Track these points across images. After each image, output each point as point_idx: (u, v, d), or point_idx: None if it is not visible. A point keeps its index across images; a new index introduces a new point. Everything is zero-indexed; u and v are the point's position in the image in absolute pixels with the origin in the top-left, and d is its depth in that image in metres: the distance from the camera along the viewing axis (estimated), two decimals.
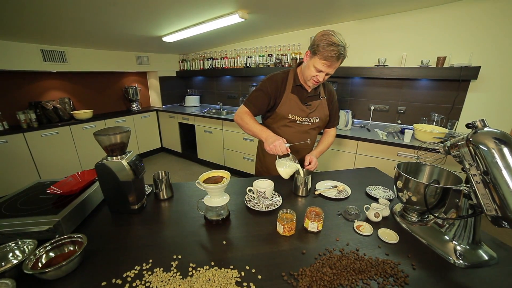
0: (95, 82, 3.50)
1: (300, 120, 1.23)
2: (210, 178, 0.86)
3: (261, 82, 1.22)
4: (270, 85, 1.20)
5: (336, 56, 0.98)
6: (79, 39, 2.60)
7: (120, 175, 0.85)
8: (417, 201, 0.82)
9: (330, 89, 1.31)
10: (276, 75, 1.23)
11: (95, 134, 0.79)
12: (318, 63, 1.02)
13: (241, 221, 0.89)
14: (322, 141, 1.38)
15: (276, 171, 1.33)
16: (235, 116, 1.22)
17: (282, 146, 1.03)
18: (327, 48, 0.97)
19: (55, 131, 2.74)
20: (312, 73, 1.07)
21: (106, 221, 0.89)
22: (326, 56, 0.99)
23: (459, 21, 2.04)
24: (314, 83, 1.12)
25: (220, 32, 2.75)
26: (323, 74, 1.06)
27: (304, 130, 1.26)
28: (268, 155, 1.35)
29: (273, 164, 1.33)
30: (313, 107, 1.23)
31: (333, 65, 1.02)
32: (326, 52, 0.98)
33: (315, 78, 1.08)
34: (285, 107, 1.21)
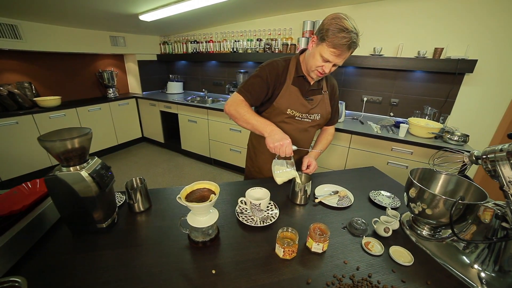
0: (62, 64, 3.09)
1: (300, 116, 1.08)
2: (195, 191, 0.70)
3: (259, 68, 1.04)
4: (270, 72, 1.02)
5: (348, 45, 0.83)
6: (37, 11, 2.21)
7: (80, 190, 0.67)
8: (433, 215, 0.72)
9: (332, 83, 1.16)
10: (277, 62, 1.05)
11: (39, 139, 0.60)
12: (326, 51, 0.87)
13: (233, 241, 0.75)
14: (321, 140, 1.25)
15: (270, 172, 1.20)
16: (227, 106, 1.01)
17: (289, 148, 0.87)
18: (337, 34, 0.82)
19: (14, 121, 2.40)
20: (317, 62, 0.92)
21: (63, 246, 0.71)
22: (336, 44, 0.84)
23: (457, 12, 1.95)
24: (319, 75, 0.97)
25: (205, 11, 2.48)
26: (330, 65, 0.91)
27: (303, 128, 1.12)
28: (261, 153, 1.21)
29: (266, 164, 1.20)
30: (315, 102, 1.08)
31: (343, 54, 0.87)
32: (336, 38, 0.83)
33: (321, 69, 0.93)
34: (284, 100, 1.05)
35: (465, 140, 1.73)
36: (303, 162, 1.11)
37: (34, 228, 0.69)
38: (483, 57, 1.90)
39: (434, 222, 0.73)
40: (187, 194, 0.69)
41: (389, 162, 2.00)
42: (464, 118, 2.12)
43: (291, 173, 0.93)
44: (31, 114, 2.52)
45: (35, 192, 0.78)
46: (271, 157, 1.16)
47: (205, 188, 0.71)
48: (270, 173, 1.19)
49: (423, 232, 0.80)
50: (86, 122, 3.04)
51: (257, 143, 1.22)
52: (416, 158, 1.89)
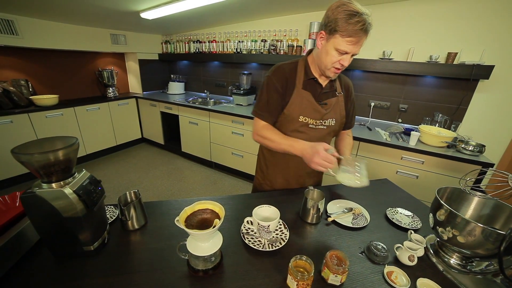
0: (61, 62, 3.01)
1: (314, 123, 0.98)
2: (196, 213, 0.61)
3: (266, 78, 0.97)
4: (278, 80, 0.94)
5: (364, 29, 0.75)
6: (34, 6, 2.13)
7: (63, 210, 0.58)
8: (466, 244, 0.63)
9: (347, 83, 1.06)
10: (283, 66, 0.97)
11: (13, 152, 0.51)
12: (341, 42, 0.79)
13: (238, 268, 0.66)
14: (345, 145, 1.12)
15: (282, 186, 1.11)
16: (254, 136, 1.00)
17: (329, 157, 0.78)
18: (350, 21, 0.74)
19: (8, 120, 2.31)
20: (333, 58, 0.83)
21: (43, 274, 0.62)
22: (351, 31, 0.75)
23: (472, 15, 1.86)
24: (336, 72, 0.88)
25: (209, 10, 2.39)
26: (349, 57, 0.82)
27: (320, 136, 1.01)
28: (272, 165, 1.12)
29: (278, 178, 1.11)
30: (328, 106, 0.99)
31: (360, 41, 0.78)
32: (349, 25, 0.75)
33: (338, 64, 0.84)
34: (295, 106, 0.95)
35: (481, 150, 1.64)
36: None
37: (8, 252, 0.60)
38: (500, 63, 1.80)
39: (468, 252, 0.64)
40: (187, 216, 0.60)
41: (399, 171, 1.91)
42: (477, 126, 2.03)
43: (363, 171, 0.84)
44: (26, 113, 2.44)
45: (13, 208, 0.68)
46: (284, 170, 1.09)
47: (208, 209, 0.62)
48: (282, 187, 1.12)
49: (451, 261, 0.71)
50: (84, 122, 2.95)
51: (268, 154, 1.13)
52: (428, 168, 1.80)
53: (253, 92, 3.03)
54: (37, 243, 0.70)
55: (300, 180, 1.11)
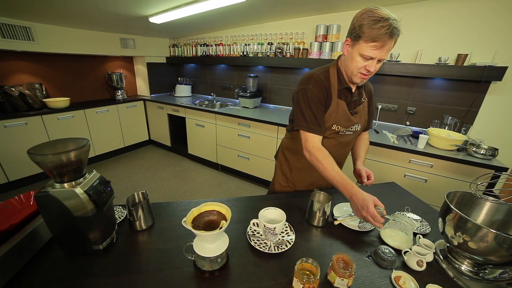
0: (73, 66, 3.10)
1: (343, 130, 0.99)
2: (203, 215, 0.62)
3: (305, 92, 0.92)
4: (319, 91, 0.91)
5: (389, 33, 0.74)
6: (49, 14, 2.21)
7: (74, 209, 0.60)
8: (478, 250, 0.62)
9: (369, 88, 1.07)
10: (319, 77, 0.93)
11: (29, 153, 0.53)
12: (365, 48, 0.78)
13: (244, 270, 0.67)
14: (361, 147, 1.15)
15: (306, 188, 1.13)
16: (308, 154, 0.92)
17: (377, 216, 0.74)
18: (374, 26, 0.74)
19: (23, 122, 2.39)
20: (358, 64, 0.82)
21: (55, 271, 0.64)
22: (375, 36, 0.74)
23: (483, 16, 1.82)
24: (363, 77, 0.86)
25: (216, 14, 2.43)
26: (375, 62, 0.81)
27: (346, 142, 1.04)
28: (297, 169, 1.12)
29: (303, 181, 1.13)
30: (358, 114, 1.01)
31: (386, 45, 0.76)
32: (374, 31, 0.74)
33: (364, 70, 0.83)
34: (331, 115, 0.95)
35: (494, 154, 1.60)
36: (361, 174, 1.04)
37: (22, 250, 0.62)
38: None
39: (480, 258, 0.63)
40: (194, 217, 0.60)
41: (407, 175, 1.88)
42: (489, 129, 1.98)
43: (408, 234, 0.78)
44: (40, 115, 2.52)
45: (28, 206, 0.71)
46: (312, 174, 1.08)
47: (215, 210, 0.63)
48: (306, 189, 1.13)
49: (462, 267, 0.69)
50: (93, 124, 3.02)
51: (293, 158, 1.13)
52: (437, 172, 1.76)
53: (260, 95, 3.04)
54: (49, 241, 0.72)
55: (325, 183, 1.11)
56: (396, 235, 0.78)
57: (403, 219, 0.79)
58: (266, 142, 2.51)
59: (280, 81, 3.00)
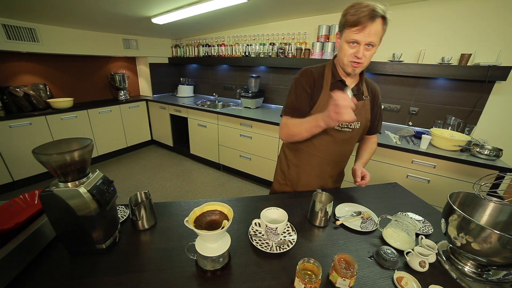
0: (76, 67, 3.12)
1: (340, 125, 0.98)
2: (205, 214, 0.62)
3: (294, 80, 1.00)
4: (306, 81, 0.96)
5: (368, 15, 0.76)
6: (54, 15, 2.23)
7: (77, 208, 0.61)
8: (482, 252, 0.61)
9: (374, 87, 1.06)
10: (310, 69, 0.99)
11: (34, 152, 0.54)
12: (349, 33, 0.81)
13: (246, 270, 0.67)
14: (365, 149, 1.14)
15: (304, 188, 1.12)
16: (281, 134, 1.00)
17: (346, 98, 0.71)
18: (354, 12, 0.78)
19: (27, 122, 2.41)
20: (347, 51, 0.85)
21: (58, 269, 0.64)
22: (356, 20, 0.78)
23: (486, 16, 1.81)
24: (354, 66, 0.87)
25: (218, 15, 2.43)
26: (361, 47, 0.81)
27: (345, 139, 1.02)
28: (294, 166, 1.12)
29: (300, 180, 1.12)
30: (356, 110, 0.99)
31: (367, 28, 0.78)
32: (354, 16, 0.78)
33: (352, 57, 0.84)
34: (322, 108, 0.95)
35: (498, 154, 1.59)
36: (356, 173, 1.02)
37: (26, 248, 0.62)
38: None
39: (483, 260, 0.62)
40: (196, 217, 0.61)
41: (409, 175, 1.87)
42: (493, 129, 1.96)
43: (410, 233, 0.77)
44: (44, 116, 2.54)
45: (32, 205, 0.72)
46: (308, 171, 1.09)
47: (217, 210, 0.63)
48: (304, 189, 1.12)
49: (465, 269, 0.69)
50: (96, 124, 3.04)
51: (290, 154, 1.13)
52: (440, 172, 1.75)
53: (262, 95, 3.04)
54: (53, 240, 0.73)
55: (322, 182, 1.12)
56: (398, 235, 0.78)
57: (405, 219, 0.78)
58: (268, 143, 2.51)
59: (282, 82, 3.00)
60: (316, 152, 1.05)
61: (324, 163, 1.06)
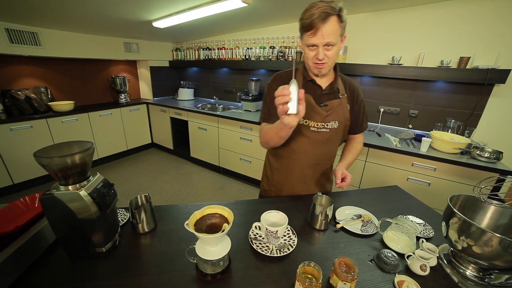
0: (77, 70, 3.14)
1: (316, 126, 0.97)
2: (205, 217, 0.62)
3: (266, 86, 1.03)
4: (277, 84, 0.93)
5: (319, 17, 0.77)
6: (56, 19, 2.26)
7: (78, 211, 0.61)
8: (483, 255, 0.61)
9: (351, 84, 1.04)
10: (280, 73, 1.02)
11: (35, 156, 0.54)
12: (306, 38, 0.84)
13: (246, 273, 0.66)
14: (350, 150, 1.12)
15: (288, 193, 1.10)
16: (260, 143, 1.03)
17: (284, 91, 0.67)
18: (306, 16, 0.80)
19: (28, 125, 2.42)
20: (308, 55, 0.87)
21: (58, 273, 0.64)
22: (308, 24, 0.79)
23: (485, 19, 1.83)
24: (318, 67, 0.88)
25: (218, 19, 2.45)
26: (320, 49, 0.83)
27: (323, 140, 1.00)
28: (276, 171, 1.12)
29: (283, 184, 1.11)
30: (330, 108, 0.97)
31: (321, 29, 0.79)
32: (306, 20, 0.80)
33: (314, 59, 0.86)
34: None
35: (498, 157, 1.59)
36: (336, 174, 0.99)
37: (26, 252, 0.62)
38: None
39: (485, 263, 0.62)
40: (196, 220, 0.61)
41: (409, 178, 1.87)
42: (493, 132, 1.97)
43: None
44: (45, 118, 2.55)
45: (33, 208, 0.72)
46: (289, 176, 1.08)
47: (217, 213, 0.63)
48: (288, 193, 1.11)
49: (467, 272, 0.68)
50: (97, 127, 3.05)
51: (273, 159, 1.13)
52: (440, 175, 1.75)
53: (262, 98, 3.05)
54: (52, 244, 0.72)
55: (306, 187, 1.10)
56: (399, 238, 0.78)
57: (406, 222, 0.78)
58: None
59: None
60: (295, 156, 1.03)
61: (305, 167, 1.05)
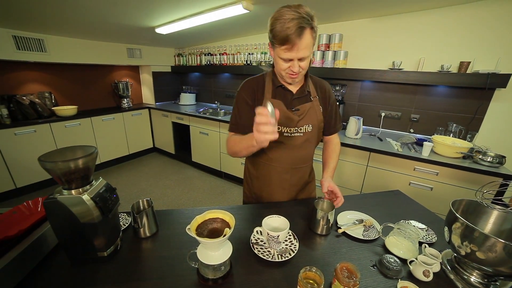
0: (81, 75, 3.19)
1: (289, 131, 0.95)
2: (206, 222, 0.63)
3: (236, 94, 1.00)
4: (246, 93, 0.96)
5: (295, 32, 0.72)
6: (61, 26, 2.30)
7: (80, 215, 0.61)
8: (487, 261, 0.61)
9: (322, 85, 1.02)
10: (249, 81, 0.99)
11: (40, 160, 0.55)
12: (280, 51, 0.79)
13: (247, 279, 0.66)
14: (330, 155, 1.07)
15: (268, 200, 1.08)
16: (227, 151, 0.96)
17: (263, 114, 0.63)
18: (280, 29, 0.74)
19: (32, 129, 2.45)
20: (282, 66, 0.83)
21: (60, 278, 0.64)
22: (283, 39, 0.74)
23: (485, 23, 1.84)
24: (292, 77, 0.86)
25: (220, 25, 2.49)
26: (296, 62, 0.80)
27: (297, 145, 0.97)
28: (255, 178, 1.09)
29: (262, 192, 1.08)
30: (302, 112, 0.95)
31: (296, 45, 0.75)
32: (281, 33, 0.74)
33: (289, 70, 0.83)
34: None
35: (501, 161, 1.58)
36: (323, 186, 0.94)
37: (29, 256, 0.63)
38: None
39: (489, 269, 0.61)
40: (198, 225, 0.61)
41: (412, 183, 1.86)
42: (496, 136, 1.96)
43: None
44: (48, 123, 2.58)
45: (36, 213, 0.72)
46: (266, 182, 1.06)
47: (219, 218, 0.63)
48: (268, 200, 1.08)
49: (471, 279, 0.67)
50: (99, 131, 3.08)
51: (251, 167, 1.10)
52: (443, 180, 1.74)
53: None
54: (54, 248, 0.73)
55: (285, 193, 1.07)
56: (401, 244, 0.77)
57: (408, 227, 0.78)
58: None
59: None
60: (271, 162, 1.01)
61: (282, 172, 1.02)
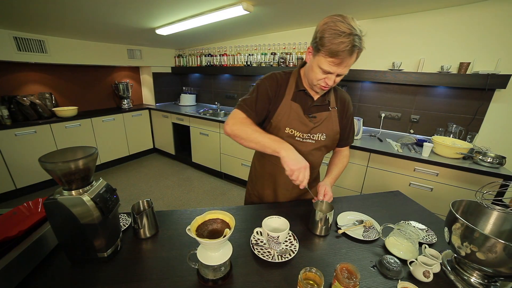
0: (81, 76, 3.20)
1: (301, 136, 0.94)
2: (207, 223, 0.63)
3: (259, 81, 0.94)
4: (270, 85, 0.92)
5: (348, 50, 0.71)
6: (61, 27, 2.31)
7: (80, 216, 0.61)
8: (487, 261, 0.61)
9: (343, 97, 1.00)
10: (276, 74, 0.95)
11: (40, 161, 0.55)
12: (324, 62, 0.76)
13: (247, 279, 0.66)
14: (336, 163, 1.06)
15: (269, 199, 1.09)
16: (228, 126, 0.87)
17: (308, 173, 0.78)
18: (334, 41, 0.70)
19: (32, 130, 2.45)
20: (317, 75, 0.81)
21: (60, 278, 0.64)
22: (334, 51, 0.71)
23: (485, 24, 1.84)
24: (323, 89, 0.85)
25: (220, 26, 2.50)
26: (333, 76, 0.79)
27: (306, 151, 0.95)
28: (260, 177, 1.09)
29: (265, 190, 1.08)
30: (318, 120, 0.94)
31: (344, 62, 0.74)
32: (333, 45, 0.71)
33: (323, 82, 0.82)
34: (282, 117, 0.92)
35: (501, 162, 1.58)
36: (319, 190, 0.95)
37: (29, 256, 0.63)
38: None
39: (489, 270, 0.61)
40: (198, 225, 0.61)
41: (412, 184, 1.86)
42: (496, 137, 1.96)
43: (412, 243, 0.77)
44: (48, 124, 2.58)
45: (36, 213, 0.72)
46: (270, 181, 1.06)
47: (219, 218, 0.63)
48: (270, 200, 1.09)
49: (472, 279, 0.67)
50: (100, 132, 3.08)
51: (259, 165, 1.10)
52: (443, 180, 1.74)
53: None
54: (55, 249, 0.73)
55: (288, 194, 1.07)
56: (401, 244, 0.77)
57: (408, 228, 0.78)
58: None
59: None
60: (278, 162, 0.94)
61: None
